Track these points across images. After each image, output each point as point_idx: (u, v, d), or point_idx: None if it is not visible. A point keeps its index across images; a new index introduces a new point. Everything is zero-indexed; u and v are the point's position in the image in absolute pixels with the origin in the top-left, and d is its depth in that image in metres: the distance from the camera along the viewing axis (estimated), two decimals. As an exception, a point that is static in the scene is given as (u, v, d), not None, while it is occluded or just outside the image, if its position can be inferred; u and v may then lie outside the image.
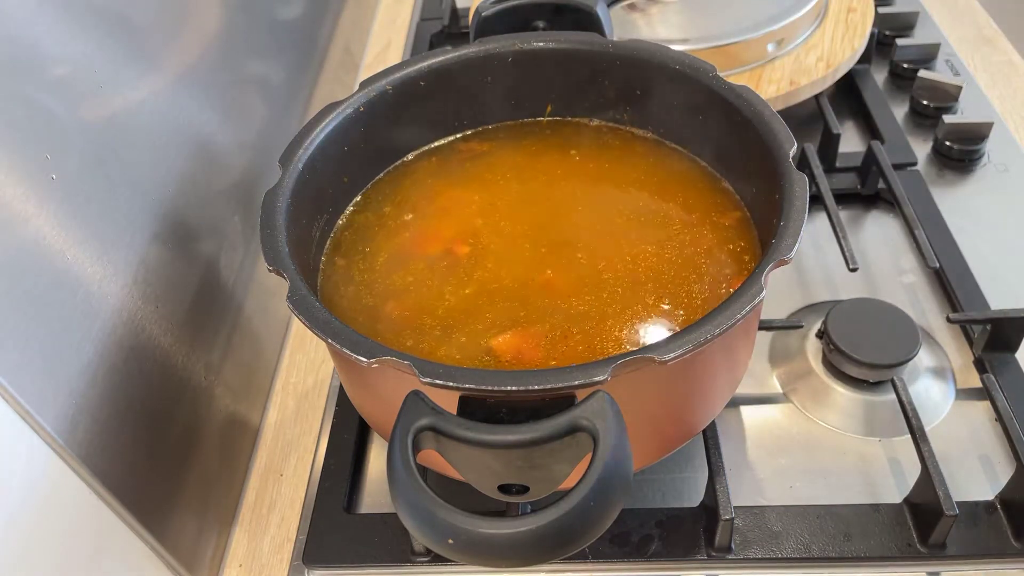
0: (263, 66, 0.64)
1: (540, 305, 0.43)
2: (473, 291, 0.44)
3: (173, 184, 0.48)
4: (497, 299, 0.44)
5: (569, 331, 0.41)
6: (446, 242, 0.47)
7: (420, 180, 0.52)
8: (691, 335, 0.34)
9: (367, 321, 0.44)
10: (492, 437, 0.31)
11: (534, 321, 0.42)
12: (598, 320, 0.42)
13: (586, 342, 0.41)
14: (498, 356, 0.41)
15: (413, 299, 0.44)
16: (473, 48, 0.51)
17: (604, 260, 0.45)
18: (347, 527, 0.48)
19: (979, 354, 0.53)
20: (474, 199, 0.50)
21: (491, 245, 0.47)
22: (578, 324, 0.42)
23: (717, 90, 0.46)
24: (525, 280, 0.44)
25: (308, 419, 0.56)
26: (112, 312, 0.41)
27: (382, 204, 0.51)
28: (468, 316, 0.43)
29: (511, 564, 0.31)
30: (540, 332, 0.42)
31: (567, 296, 0.43)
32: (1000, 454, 0.49)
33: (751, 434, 0.52)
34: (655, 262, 0.45)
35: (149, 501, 0.43)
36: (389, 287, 0.45)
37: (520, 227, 0.48)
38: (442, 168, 0.53)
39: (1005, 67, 0.78)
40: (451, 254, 0.47)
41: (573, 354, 0.40)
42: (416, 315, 0.44)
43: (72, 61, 0.40)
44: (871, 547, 0.45)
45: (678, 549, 0.45)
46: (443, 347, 0.42)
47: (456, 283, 0.45)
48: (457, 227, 0.48)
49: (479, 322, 0.43)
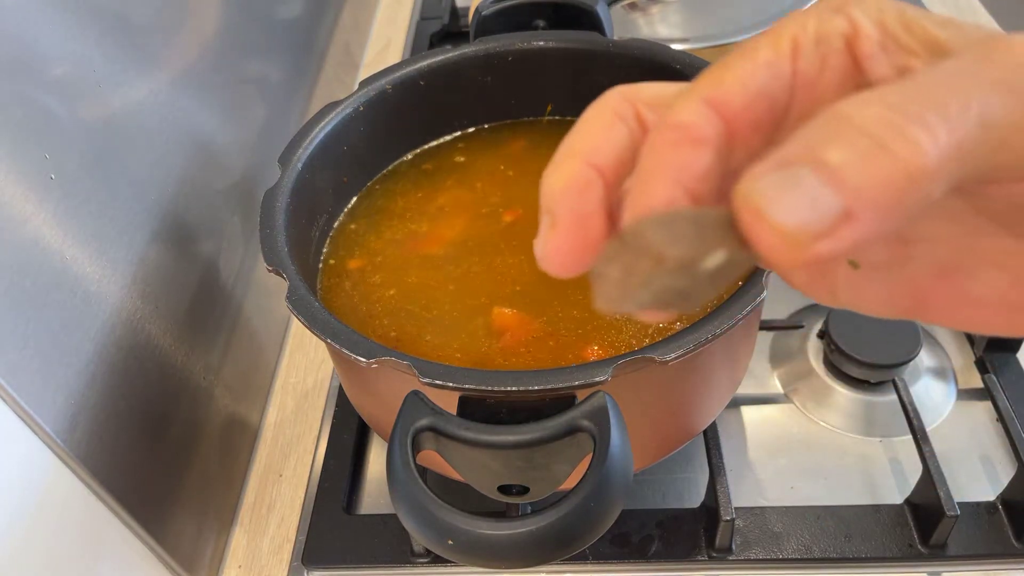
0: (263, 66, 0.64)
1: (539, 298, 0.43)
2: (474, 290, 0.44)
3: (173, 184, 0.48)
4: (497, 298, 0.43)
5: (568, 328, 0.41)
6: (446, 241, 0.47)
7: (420, 179, 0.52)
8: (691, 335, 0.34)
9: (367, 321, 0.44)
10: (492, 437, 0.31)
11: (535, 314, 0.42)
12: (597, 319, 0.42)
13: (584, 338, 0.41)
14: (499, 331, 0.41)
15: (413, 298, 0.44)
16: (473, 48, 0.51)
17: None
18: (347, 527, 0.48)
19: (980, 354, 0.53)
20: (474, 199, 0.50)
21: (491, 244, 0.47)
22: (575, 320, 0.42)
23: (717, 90, 0.45)
24: (525, 278, 0.44)
25: (308, 419, 0.56)
26: (111, 312, 0.41)
27: (382, 204, 0.50)
28: (468, 315, 0.43)
29: (511, 565, 0.31)
30: (539, 325, 0.42)
31: (566, 294, 0.43)
32: (1001, 454, 0.49)
33: (752, 434, 0.52)
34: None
35: (148, 501, 0.43)
36: (389, 286, 0.45)
37: (520, 226, 0.48)
38: (442, 168, 0.52)
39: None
40: (451, 253, 0.47)
41: (565, 346, 0.40)
42: (416, 314, 0.43)
43: (72, 61, 0.40)
44: (872, 548, 0.44)
45: (679, 550, 0.45)
46: (443, 346, 0.42)
47: (456, 282, 0.45)
48: (457, 226, 0.48)
49: (480, 321, 0.42)
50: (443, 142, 0.54)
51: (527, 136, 0.54)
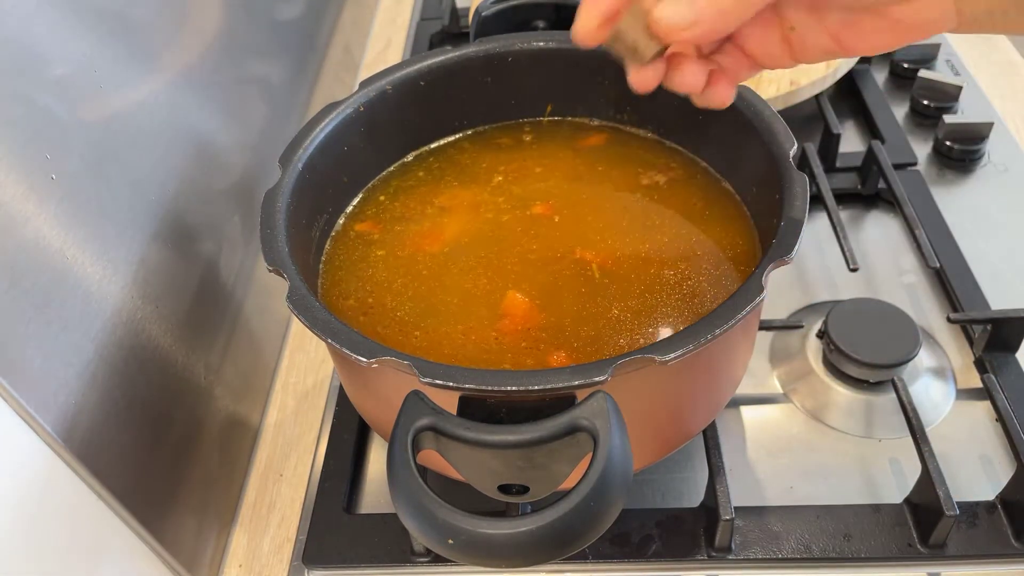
0: (263, 66, 0.64)
1: (539, 296, 0.43)
2: (474, 289, 0.44)
3: (173, 184, 0.48)
4: (497, 296, 0.44)
5: (568, 326, 0.41)
6: (446, 241, 0.47)
7: (420, 179, 0.52)
8: (691, 335, 0.34)
9: (367, 320, 0.44)
10: (492, 437, 0.31)
11: (537, 309, 0.42)
12: (596, 319, 0.42)
13: (586, 338, 0.41)
14: (507, 314, 0.42)
15: (413, 298, 0.44)
16: (473, 48, 0.51)
17: (603, 259, 0.45)
18: (347, 527, 0.48)
19: (979, 354, 0.53)
20: (474, 198, 0.50)
21: (491, 244, 0.47)
22: (578, 317, 0.42)
23: (717, 90, 0.46)
24: (525, 278, 0.44)
25: (308, 419, 0.56)
26: (112, 312, 0.41)
27: (382, 204, 0.51)
28: (468, 314, 0.43)
29: (511, 564, 0.31)
30: (542, 320, 0.42)
31: (566, 292, 0.43)
32: (1000, 454, 0.49)
33: (751, 434, 0.52)
34: (655, 261, 0.45)
35: (149, 501, 0.43)
36: (389, 286, 0.45)
37: (520, 226, 0.48)
38: (442, 167, 0.53)
39: (1005, 67, 0.78)
40: (451, 253, 0.47)
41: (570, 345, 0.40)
42: (416, 313, 0.44)
43: (72, 61, 0.40)
44: (871, 547, 0.45)
45: (678, 549, 0.45)
46: (445, 344, 0.42)
47: (456, 282, 0.45)
48: (457, 226, 0.48)
49: (480, 319, 0.43)
50: (443, 143, 0.54)
51: (527, 136, 0.54)
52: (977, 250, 0.60)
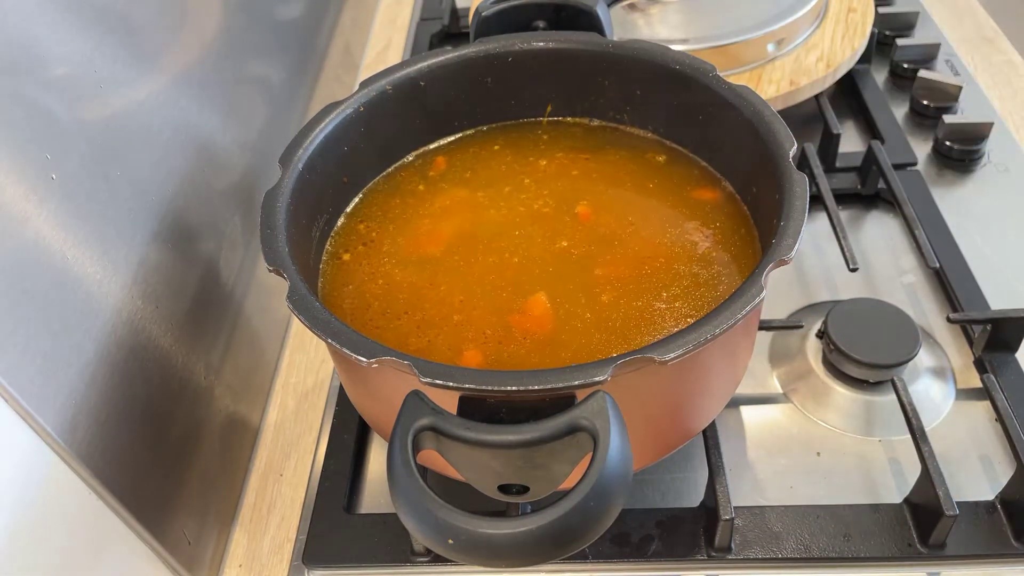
0: (263, 66, 0.64)
1: (540, 297, 0.43)
2: (474, 290, 0.44)
3: (173, 184, 0.48)
4: (497, 295, 0.44)
5: (568, 326, 0.41)
6: (446, 241, 0.47)
7: (420, 180, 0.52)
8: (691, 335, 0.34)
9: (367, 320, 0.44)
10: (492, 437, 0.31)
11: (537, 309, 0.42)
12: (596, 318, 0.42)
13: (585, 338, 0.41)
14: (524, 310, 0.42)
15: (413, 298, 0.44)
16: (473, 48, 0.51)
17: (603, 259, 0.45)
18: (347, 527, 0.48)
19: (979, 354, 0.53)
20: (475, 199, 0.50)
21: (492, 244, 0.47)
22: (578, 317, 0.42)
23: (717, 90, 0.46)
24: (525, 277, 0.44)
25: (308, 419, 0.56)
26: (112, 312, 0.41)
27: (382, 204, 0.51)
28: (469, 313, 0.43)
29: (511, 564, 0.31)
30: (542, 320, 0.42)
31: (566, 292, 0.43)
32: (1000, 454, 0.49)
33: (751, 434, 0.52)
34: (654, 261, 0.45)
35: (149, 501, 0.43)
36: (389, 286, 0.45)
37: (520, 226, 0.48)
38: (442, 168, 0.53)
39: (1005, 67, 0.78)
40: (452, 253, 0.47)
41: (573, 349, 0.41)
42: (416, 313, 0.44)
43: (72, 61, 0.40)
44: (871, 547, 0.45)
45: (678, 549, 0.45)
46: (444, 343, 0.42)
47: (456, 282, 0.45)
48: (457, 226, 0.48)
49: (480, 318, 0.43)
50: (443, 143, 0.54)
51: (527, 137, 0.54)
52: (977, 250, 0.60)
